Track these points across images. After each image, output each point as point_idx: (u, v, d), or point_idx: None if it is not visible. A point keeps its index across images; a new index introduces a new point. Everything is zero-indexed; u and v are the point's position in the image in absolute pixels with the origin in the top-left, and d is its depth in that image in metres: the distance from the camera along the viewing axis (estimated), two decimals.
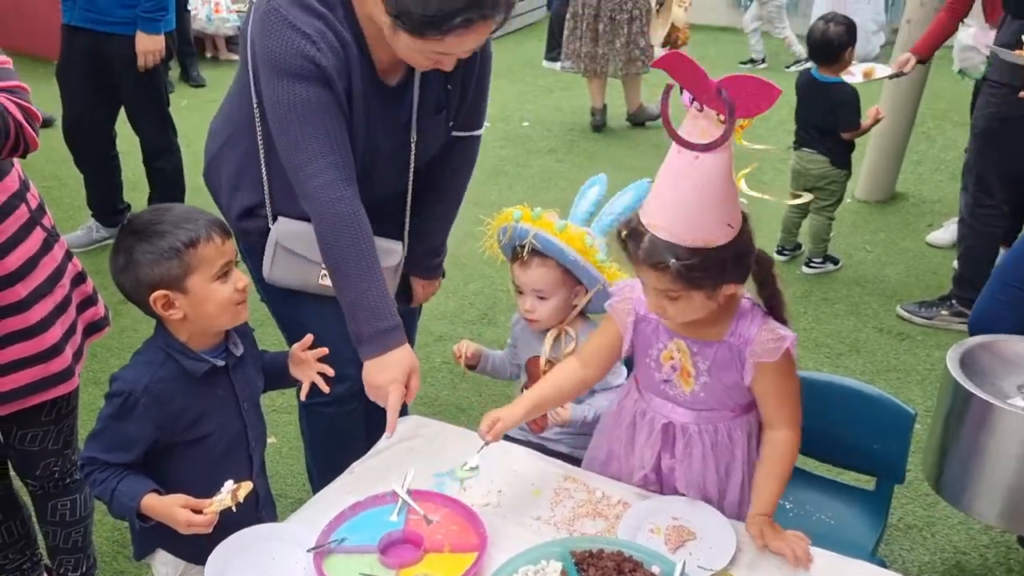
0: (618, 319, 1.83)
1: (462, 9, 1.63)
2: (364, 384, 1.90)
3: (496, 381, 3.22)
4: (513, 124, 6.26)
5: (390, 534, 1.69)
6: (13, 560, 2.30)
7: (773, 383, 1.72)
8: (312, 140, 1.78)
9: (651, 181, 2.05)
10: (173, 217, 1.67)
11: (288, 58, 1.75)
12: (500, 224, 2.14)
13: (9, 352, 1.88)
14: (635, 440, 1.88)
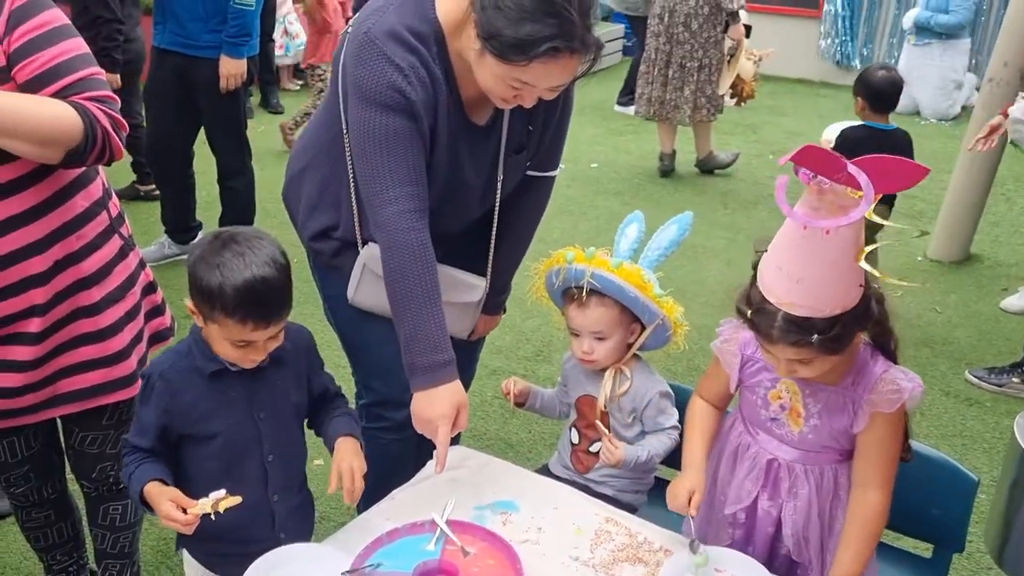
0: (724, 361, 1.82)
1: (550, 37, 1.65)
2: (412, 415, 1.90)
3: (547, 419, 3.20)
4: (582, 165, 6.28)
5: (426, 563, 1.67)
6: (60, 561, 2.33)
7: (879, 436, 1.68)
8: (391, 169, 1.81)
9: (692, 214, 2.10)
10: (250, 264, 1.60)
11: (378, 88, 1.78)
12: (550, 267, 2.11)
13: (79, 353, 1.93)
14: (735, 471, 1.85)
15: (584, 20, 1.69)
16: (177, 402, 1.72)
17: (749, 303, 1.61)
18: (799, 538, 1.79)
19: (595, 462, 2.15)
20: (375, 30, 1.80)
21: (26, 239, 1.78)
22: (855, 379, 1.67)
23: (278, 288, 1.63)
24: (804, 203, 1.47)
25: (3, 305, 1.80)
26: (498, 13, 1.67)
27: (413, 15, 1.82)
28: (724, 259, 4.88)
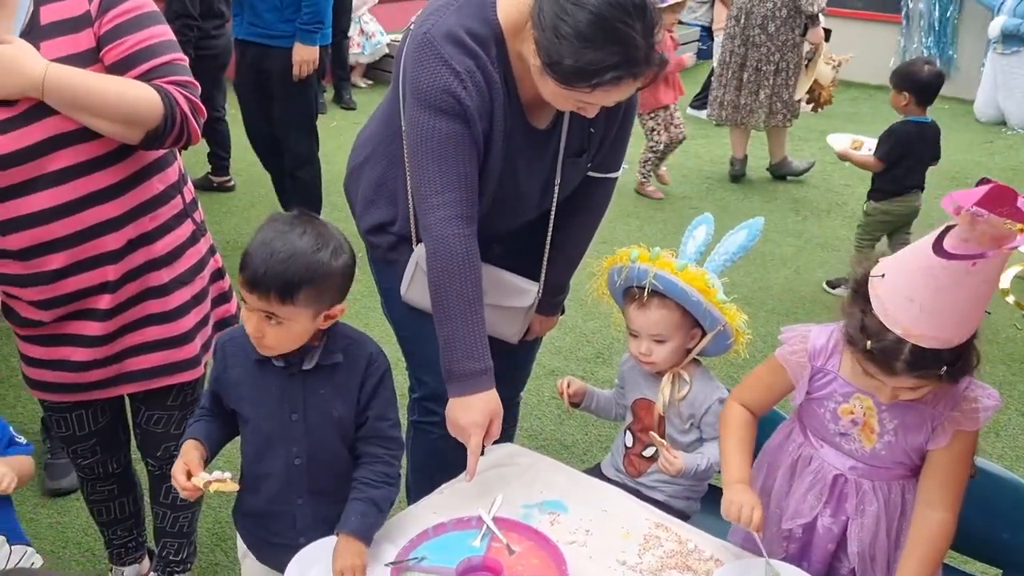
0: (792, 371, 1.75)
1: (614, 67, 1.61)
2: (447, 420, 1.88)
3: (603, 421, 3.16)
4: None
5: (470, 559, 1.66)
6: (121, 537, 2.39)
7: (956, 455, 1.62)
8: (441, 174, 1.79)
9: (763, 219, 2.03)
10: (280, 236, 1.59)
11: (434, 91, 1.76)
12: (613, 264, 2.08)
13: (145, 333, 1.98)
14: (794, 485, 1.80)
15: (648, 40, 1.63)
16: (226, 375, 1.76)
17: (865, 333, 1.51)
18: (865, 556, 1.72)
19: (648, 466, 2.10)
20: (434, 31, 1.77)
21: (103, 216, 1.84)
22: (935, 395, 1.60)
23: (284, 268, 1.55)
24: (955, 235, 1.40)
25: (77, 279, 1.86)
26: (557, 41, 1.61)
27: (473, 17, 1.79)
28: (792, 267, 4.77)
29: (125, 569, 2.43)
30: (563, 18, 1.60)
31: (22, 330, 1.98)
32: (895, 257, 1.51)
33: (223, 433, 1.79)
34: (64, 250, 1.82)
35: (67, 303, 1.89)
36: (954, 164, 6.14)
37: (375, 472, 1.72)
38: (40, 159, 1.74)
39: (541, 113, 1.92)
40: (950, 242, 1.39)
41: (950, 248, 1.38)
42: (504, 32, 1.80)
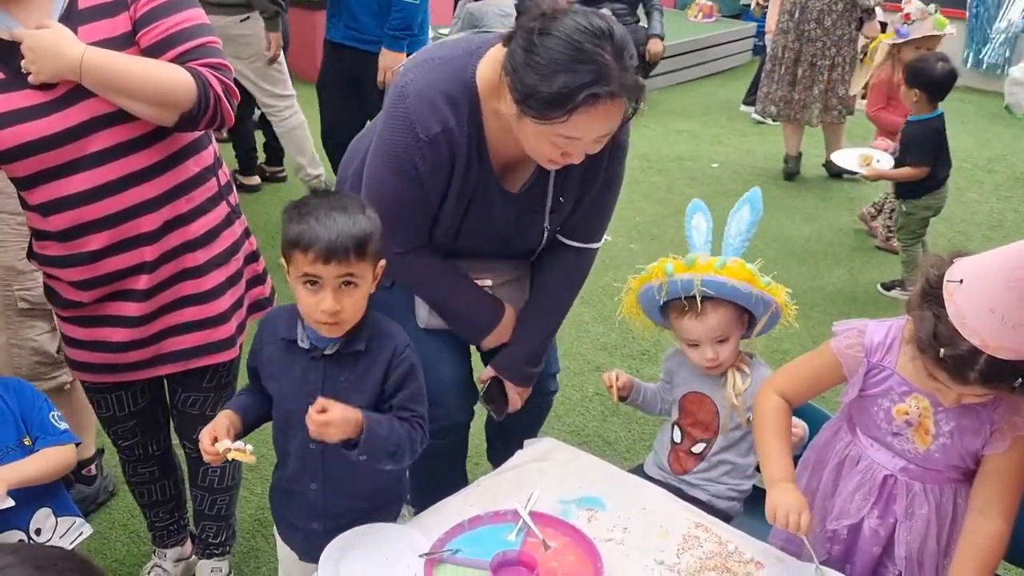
0: (847, 365, 1.70)
1: (587, 84, 1.60)
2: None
3: (647, 417, 3.12)
4: (702, 164, 6.13)
5: (505, 553, 1.64)
6: (162, 519, 2.43)
7: (1012, 462, 1.57)
8: (391, 222, 1.78)
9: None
10: (325, 209, 1.60)
11: (395, 152, 1.85)
12: (645, 283, 2.02)
13: (182, 314, 2.01)
14: (841, 484, 1.75)
15: (620, 62, 1.63)
16: (261, 352, 1.78)
17: (938, 340, 1.45)
18: (913, 561, 1.67)
19: (695, 463, 2.07)
20: (410, 88, 1.82)
21: (140, 197, 1.88)
22: (996, 398, 1.54)
23: (347, 229, 1.58)
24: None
25: (116, 260, 1.90)
26: (529, 70, 1.63)
27: (451, 76, 1.82)
28: (846, 267, 4.66)
29: (168, 551, 2.46)
30: (533, 51, 1.62)
31: (64, 311, 2.02)
32: (974, 262, 1.44)
33: (261, 409, 1.79)
34: (103, 231, 1.86)
35: (106, 284, 1.93)
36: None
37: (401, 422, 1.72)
38: (80, 140, 1.79)
39: (515, 177, 1.95)
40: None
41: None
42: (480, 92, 1.82)
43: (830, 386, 1.77)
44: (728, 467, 2.05)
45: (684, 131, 6.82)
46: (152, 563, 2.48)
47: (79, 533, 1.92)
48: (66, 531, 1.89)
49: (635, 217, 5.11)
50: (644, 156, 6.17)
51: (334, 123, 4.49)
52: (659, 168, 6.00)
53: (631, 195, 5.34)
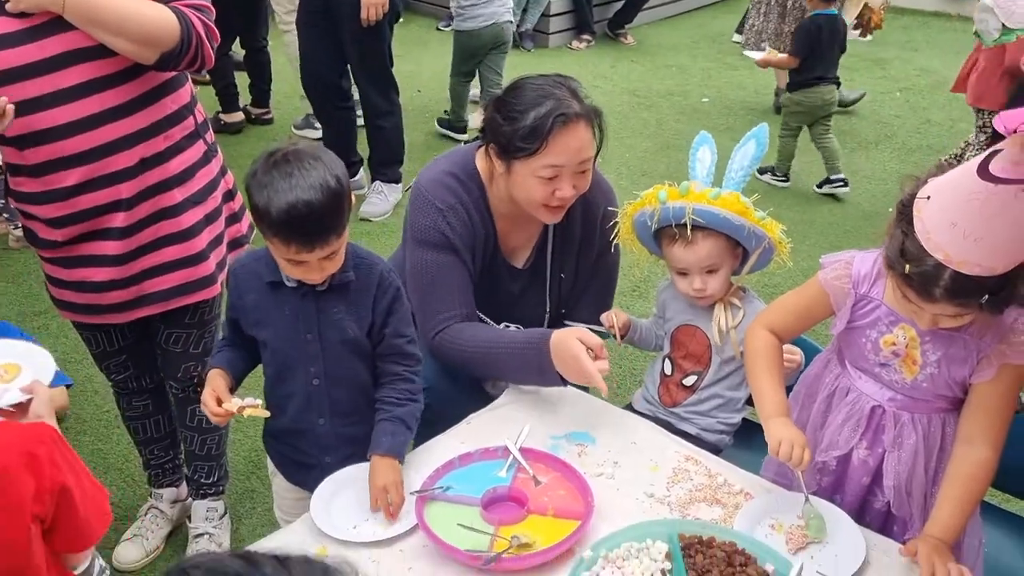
0: (835, 297, 1.69)
1: (554, 110, 1.90)
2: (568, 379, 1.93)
3: (638, 353, 3.13)
4: (692, 99, 6.06)
5: (495, 489, 1.65)
6: (157, 457, 2.45)
7: (999, 390, 1.57)
8: (439, 298, 2.03)
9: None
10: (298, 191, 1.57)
11: (424, 229, 2.05)
12: (638, 209, 2.01)
13: (162, 254, 2.02)
14: (830, 417, 1.76)
15: (575, 96, 1.95)
16: (241, 301, 1.77)
17: (905, 256, 1.46)
18: (901, 490, 1.68)
19: (685, 396, 2.07)
20: (423, 180, 2.09)
21: (116, 133, 1.87)
22: (982, 327, 1.54)
23: (323, 212, 1.57)
24: (1003, 157, 1.32)
25: (91, 196, 1.90)
26: (504, 123, 1.94)
27: (456, 164, 2.11)
28: (838, 200, 4.64)
29: (163, 492, 2.48)
30: (507, 106, 1.95)
31: (43, 252, 2.03)
32: (942, 179, 1.43)
33: (246, 361, 1.81)
34: (78, 167, 1.86)
35: (82, 221, 1.93)
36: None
37: (398, 390, 1.77)
38: (55, 73, 1.77)
39: (519, 254, 2.19)
40: (997, 165, 1.31)
41: (997, 172, 1.30)
42: (482, 176, 2.09)
43: (819, 320, 1.77)
44: (718, 400, 2.06)
45: (673, 66, 6.73)
46: (148, 505, 2.50)
47: None
48: None
49: (625, 153, 5.07)
50: (633, 92, 6.10)
51: (313, 64, 4.34)
52: (648, 104, 5.93)
53: (620, 131, 5.29)
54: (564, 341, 1.87)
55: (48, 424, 1.41)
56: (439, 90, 5.85)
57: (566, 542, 1.51)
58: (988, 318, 1.51)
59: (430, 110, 5.63)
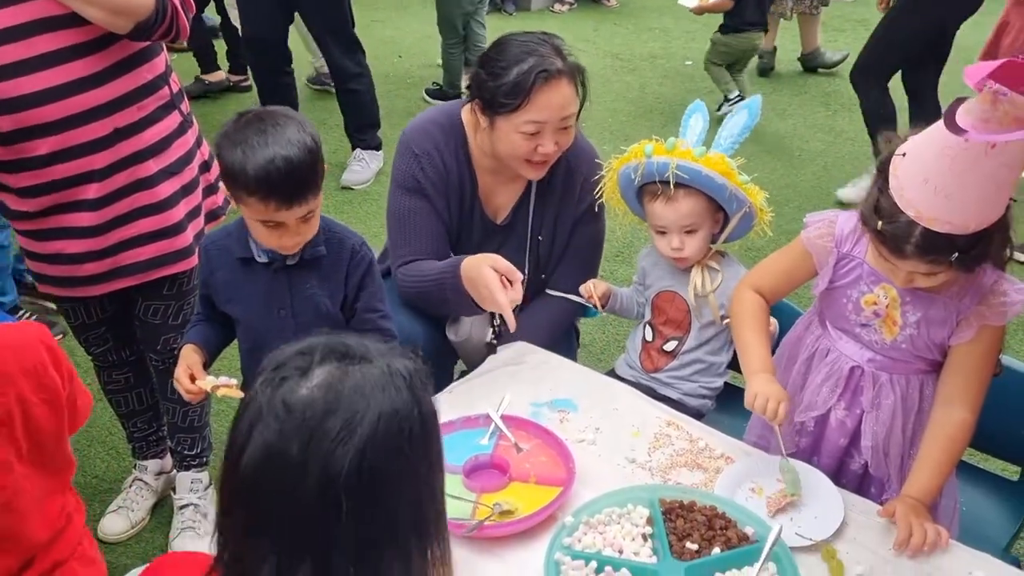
0: (816, 255, 1.70)
1: (536, 66, 1.92)
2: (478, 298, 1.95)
3: (621, 320, 3.13)
4: (675, 62, 6.01)
5: (477, 457, 1.65)
6: (142, 429, 2.44)
7: (978, 352, 1.57)
8: (403, 239, 2.10)
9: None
10: (273, 147, 1.56)
11: (400, 174, 2.13)
12: (624, 164, 2.01)
13: (137, 226, 2.00)
14: (810, 377, 1.76)
15: (559, 53, 1.96)
16: (213, 278, 1.76)
17: (878, 213, 1.46)
18: (879, 451, 1.70)
19: (667, 361, 2.08)
20: (408, 127, 2.17)
21: (88, 103, 1.84)
22: (962, 288, 1.55)
23: (301, 168, 1.58)
24: (973, 113, 1.31)
25: (66, 166, 1.88)
26: (488, 78, 1.96)
27: (441, 112, 2.18)
28: (821, 163, 4.64)
29: (148, 463, 2.48)
30: (492, 62, 1.97)
31: (17, 224, 2.02)
32: (919, 136, 1.43)
33: (220, 336, 1.80)
34: (50, 136, 1.83)
35: (54, 191, 1.91)
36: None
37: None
38: (26, 40, 1.75)
39: (498, 211, 2.19)
40: (967, 120, 1.31)
41: (966, 126, 1.30)
42: (466, 127, 2.12)
43: (804, 280, 1.77)
44: (700, 365, 2.07)
45: (656, 28, 6.67)
46: (133, 477, 2.50)
47: None
48: None
49: (608, 118, 5.04)
50: (616, 55, 6.05)
51: (255, 24, 4.11)
52: (631, 67, 5.89)
53: (602, 96, 5.24)
54: (477, 267, 1.92)
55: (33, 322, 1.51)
56: (421, 55, 5.80)
57: (548, 508, 1.52)
58: (964, 278, 1.52)
59: (412, 76, 5.57)
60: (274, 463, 0.90)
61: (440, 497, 1.00)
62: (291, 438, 0.89)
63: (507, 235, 2.20)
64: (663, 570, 1.39)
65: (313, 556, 0.90)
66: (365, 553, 0.91)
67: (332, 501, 0.89)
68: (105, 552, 2.24)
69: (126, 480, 2.52)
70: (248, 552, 0.91)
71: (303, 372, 0.93)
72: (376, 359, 0.95)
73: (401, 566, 0.93)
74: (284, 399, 0.91)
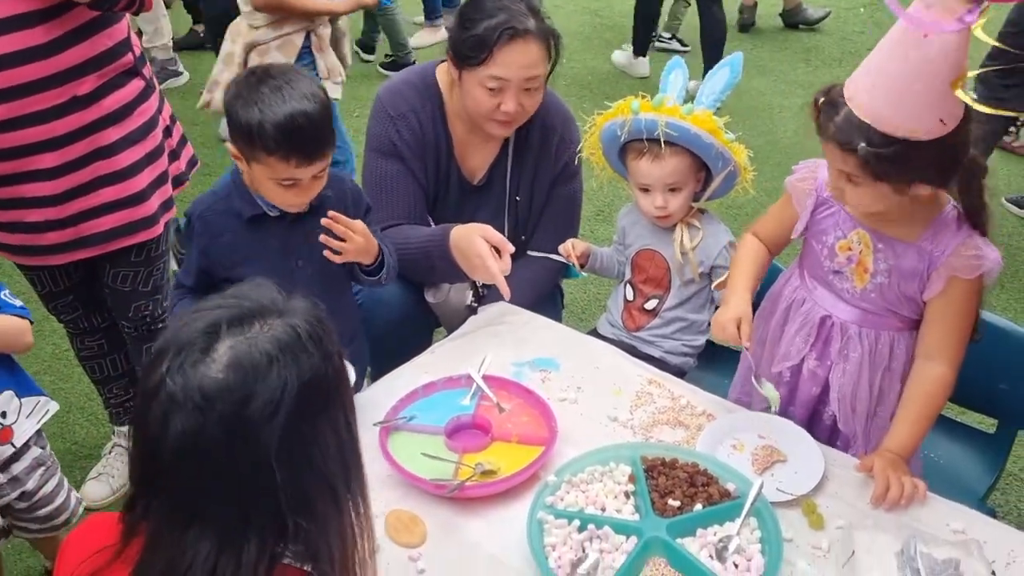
0: (796, 198, 1.72)
1: (503, 23, 1.91)
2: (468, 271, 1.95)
3: (601, 280, 3.12)
4: None
5: (459, 418, 1.65)
6: (118, 395, 2.42)
7: (953, 306, 1.57)
8: (378, 204, 2.02)
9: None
10: (291, 103, 1.57)
11: (375, 137, 2.12)
12: (608, 121, 1.99)
13: (99, 196, 1.95)
14: (786, 328, 1.77)
15: (532, 12, 1.95)
16: (215, 244, 1.72)
17: (825, 93, 1.51)
18: (846, 405, 1.71)
19: (648, 320, 2.08)
20: (382, 89, 2.15)
21: (44, 71, 1.78)
22: (934, 239, 1.55)
23: (319, 122, 1.58)
24: (915, 4, 1.32)
25: (21, 134, 1.82)
26: (460, 30, 1.96)
27: (416, 73, 2.16)
28: (801, 120, 4.60)
29: (126, 429, 2.46)
30: (465, 15, 1.97)
31: None
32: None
33: None
34: (3, 103, 1.77)
35: (9, 159, 1.85)
36: None
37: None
38: None
39: (476, 172, 2.16)
40: (916, 7, 1.31)
41: (914, 15, 1.30)
42: (441, 87, 2.11)
43: (793, 223, 1.76)
44: (681, 324, 2.07)
45: None
46: (112, 443, 2.48)
47: (45, 411, 1.91)
48: (32, 410, 1.88)
49: (587, 76, 4.99)
50: (595, 12, 5.97)
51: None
52: (610, 24, 5.81)
53: (582, 53, 5.20)
54: (467, 237, 1.91)
55: None
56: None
57: (530, 468, 1.52)
58: (940, 230, 1.53)
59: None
60: (199, 452, 0.88)
61: (355, 433, 1.00)
62: (214, 427, 0.87)
63: (484, 196, 2.18)
64: (646, 527, 1.39)
65: (257, 533, 0.90)
66: (301, 509, 0.91)
67: (265, 476, 0.89)
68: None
69: (105, 446, 2.50)
70: (174, 540, 0.89)
71: (205, 350, 0.89)
72: (275, 319, 0.93)
73: (334, 509, 0.95)
74: (199, 386, 0.88)
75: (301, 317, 0.95)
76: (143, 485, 0.94)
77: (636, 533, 1.39)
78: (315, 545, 0.93)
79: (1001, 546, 1.41)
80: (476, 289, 2.17)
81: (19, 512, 1.93)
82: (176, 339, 0.91)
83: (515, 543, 1.41)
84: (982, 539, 1.39)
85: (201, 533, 0.88)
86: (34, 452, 1.91)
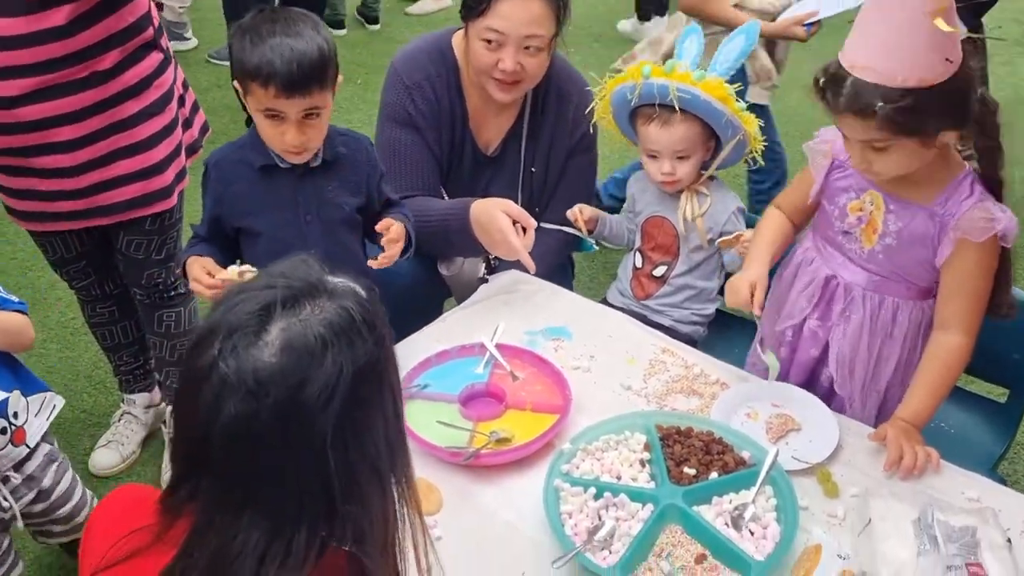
0: (812, 160, 1.71)
1: None
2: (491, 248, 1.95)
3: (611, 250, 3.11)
4: None
5: (473, 386, 1.64)
6: (128, 363, 2.42)
7: (967, 272, 1.56)
8: (393, 172, 2.01)
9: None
10: (280, 36, 1.59)
11: (389, 105, 2.09)
12: (619, 85, 1.96)
13: (116, 167, 1.94)
14: (793, 286, 1.77)
15: None
16: (228, 192, 1.73)
17: (825, 70, 1.49)
18: (844, 366, 1.70)
19: (657, 287, 2.07)
20: (397, 57, 2.12)
21: (69, 48, 1.77)
22: (947, 202, 1.54)
23: (306, 59, 1.57)
24: None
25: (39, 107, 1.81)
26: None
27: (430, 41, 2.13)
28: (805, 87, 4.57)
29: (136, 397, 2.46)
30: None
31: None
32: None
33: (220, 258, 1.75)
34: (22, 78, 1.76)
35: (27, 131, 1.84)
36: None
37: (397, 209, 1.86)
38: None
39: (491, 143, 2.15)
40: None
41: None
42: (456, 54, 2.08)
43: (810, 187, 1.75)
44: (691, 291, 2.07)
45: None
46: (121, 411, 2.48)
47: (52, 406, 1.90)
48: (39, 408, 1.87)
49: (592, 44, 4.95)
50: None
51: None
52: None
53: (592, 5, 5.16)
54: (489, 211, 1.89)
55: None
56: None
57: (545, 436, 1.52)
58: (937, 175, 1.53)
59: None
60: (251, 437, 0.87)
61: (402, 415, 0.99)
62: (268, 413, 0.86)
63: (498, 167, 2.16)
64: (662, 495, 1.39)
65: (309, 519, 0.89)
66: (351, 494, 0.90)
67: (319, 462, 0.88)
68: (97, 487, 2.24)
69: (115, 414, 2.50)
70: (227, 524, 0.88)
71: (258, 332, 0.87)
72: (325, 301, 0.91)
73: (379, 491, 0.94)
74: (254, 369, 0.86)
75: (353, 299, 0.92)
76: (190, 467, 0.92)
77: (652, 501, 1.39)
78: (360, 527, 0.92)
79: (1015, 514, 1.42)
80: (488, 262, 2.16)
81: (37, 517, 1.91)
82: (226, 320, 0.89)
83: (531, 511, 1.41)
84: (996, 507, 1.40)
85: (254, 518, 0.87)
86: (44, 448, 1.89)
